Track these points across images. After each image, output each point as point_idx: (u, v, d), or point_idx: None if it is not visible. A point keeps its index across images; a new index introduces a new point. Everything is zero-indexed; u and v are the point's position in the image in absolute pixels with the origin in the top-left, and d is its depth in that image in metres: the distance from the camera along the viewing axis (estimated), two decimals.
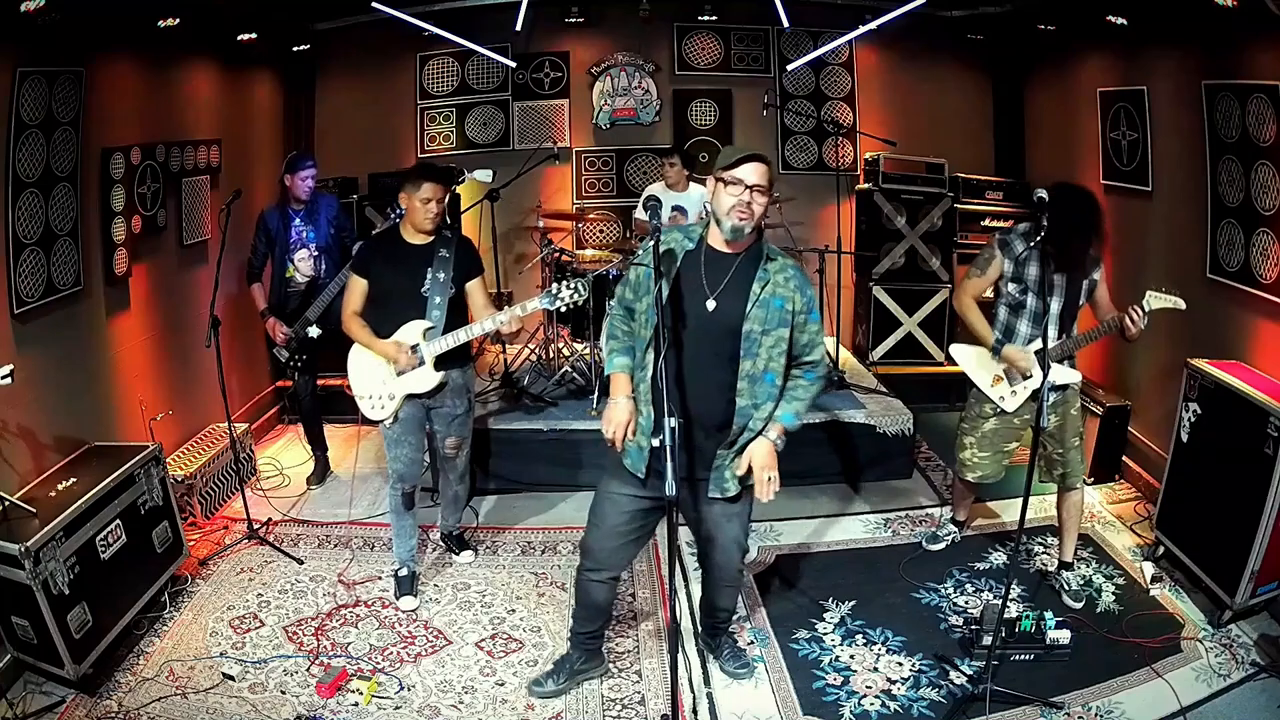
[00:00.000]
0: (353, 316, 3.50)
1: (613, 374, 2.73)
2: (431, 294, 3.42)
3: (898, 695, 3.05)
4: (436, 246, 3.44)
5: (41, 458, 3.43)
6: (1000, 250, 3.40)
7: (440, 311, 3.42)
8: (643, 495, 2.72)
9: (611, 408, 2.66)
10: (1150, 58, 4.40)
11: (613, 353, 2.77)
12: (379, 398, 3.51)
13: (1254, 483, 3.18)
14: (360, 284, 3.48)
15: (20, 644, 3.02)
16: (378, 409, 3.52)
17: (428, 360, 3.42)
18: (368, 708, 2.99)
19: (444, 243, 3.46)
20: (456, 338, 3.40)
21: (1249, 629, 3.33)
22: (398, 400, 3.47)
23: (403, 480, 3.59)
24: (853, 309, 6.23)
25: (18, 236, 3.31)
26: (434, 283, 3.42)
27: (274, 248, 4.45)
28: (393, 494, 3.63)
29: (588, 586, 2.92)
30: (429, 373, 3.42)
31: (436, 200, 3.36)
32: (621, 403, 2.65)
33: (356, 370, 3.57)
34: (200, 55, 4.74)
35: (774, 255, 2.62)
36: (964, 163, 6.08)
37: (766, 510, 4.36)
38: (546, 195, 6.19)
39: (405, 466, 3.58)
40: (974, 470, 3.68)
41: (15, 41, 3.21)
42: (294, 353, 4.49)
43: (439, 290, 3.43)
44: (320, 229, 4.47)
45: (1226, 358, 3.70)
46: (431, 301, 3.42)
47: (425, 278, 3.42)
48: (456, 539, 4.03)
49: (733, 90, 6.34)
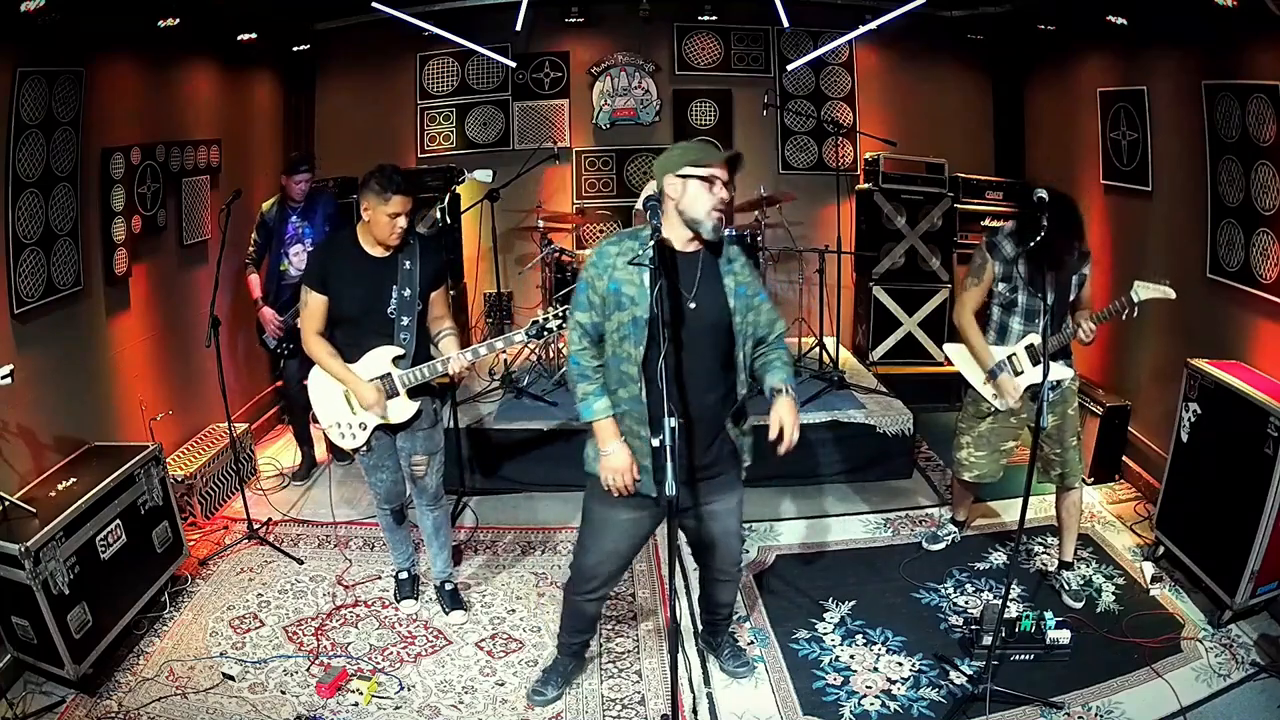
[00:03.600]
0: (316, 338, 3.12)
1: (595, 422, 2.56)
2: (399, 314, 3.09)
3: (898, 695, 3.05)
4: (400, 259, 3.09)
5: (41, 458, 3.43)
6: (990, 254, 3.41)
7: (410, 334, 3.12)
8: (646, 513, 2.68)
9: (608, 459, 2.55)
10: (1150, 58, 4.40)
11: (588, 396, 2.56)
12: (349, 426, 3.23)
13: (1254, 483, 3.18)
14: (319, 301, 3.07)
15: (20, 644, 3.02)
16: (349, 438, 3.24)
17: (401, 392, 3.14)
18: (368, 708, 2.99)
19: (408, 253, 3.10)
20: (434, 369, 3.11)
21: (1249, 629, 3.33)
22: (369, 430, 3.21)
23: (388, 502, 3.45)
24: (853, 309, 6.23)
25: (18, 236, 3.31)
26: (400, 302, 3.08)
27: (270, 240, 4.52)
28: (381, 514, 3.52)
29: (582, 606, 2.91)
30: (404, 403, 3.15)
31: (405, 214, 3.01)
32: (616, 449, 2.54)
33: (321, 397, 3.24)
34: (200, 55, 4.74)
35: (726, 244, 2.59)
36: (964, 163, 6.08)
37: (767, 510, 4.41)
38: (546, 195, 6.19)
39: (387, 489, 3.40)
40: (971, 470, 3.68)
41: (15, 41, 3.22)
42: (282, 341, 4.56)
43: (406, 310, 3.10)
44: (316, 226, 4.52)
45: (1226, 358, 3.70)
46: (399, 324, 3.10)
47: (390, 297, 3.08)
48: (449, 595, 3.57)
49: (733, 90, 6.33)
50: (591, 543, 2.78)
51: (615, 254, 2.51)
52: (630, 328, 2.48)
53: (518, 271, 6.19)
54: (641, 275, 2.45)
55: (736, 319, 2.53)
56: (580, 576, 2.85)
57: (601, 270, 2.51)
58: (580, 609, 2.93)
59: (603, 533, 2.74)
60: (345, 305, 3.09)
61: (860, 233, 6.06)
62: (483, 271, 6.17)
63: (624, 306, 2.48)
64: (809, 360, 5.51)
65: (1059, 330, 3.34)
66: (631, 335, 2.48)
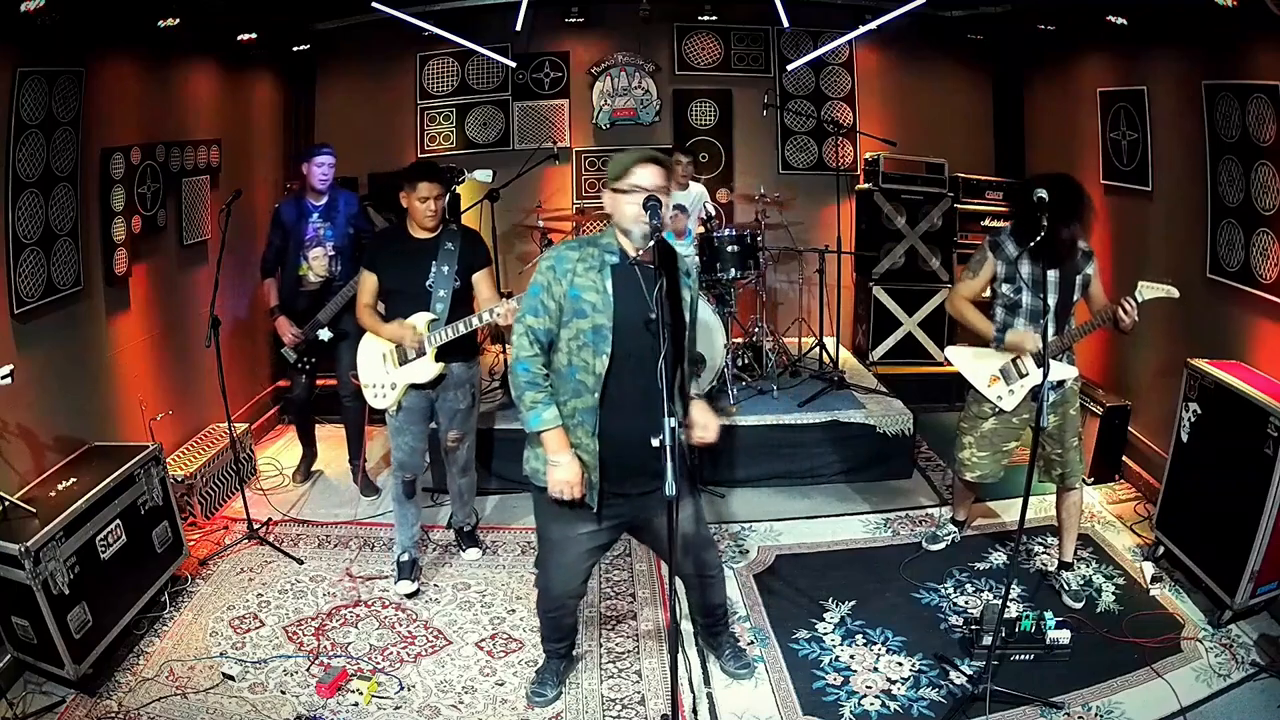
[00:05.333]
0: (365, 308, 3.61)
1: (544, 432, 2.50)
2: (436, 287, 3.50)
3: (898, 695, 3.05)
4: (442, 240, 3.53)
5: (41, 458, 3.43)
6: (991, 252, 3.41)
7: (444, 305, 3.50)
8: (601, 527, 2.66)
9: (556, 469, 2.50)
10: (1150, 58, 4.40)
11: (536, 405, 2.49)
12: (381, 386, 3.61)
13: (1254, 483, 3.18)
14: (371, 279, 3.59)
15: (20, 644, 3.02)
16: (380, 397, 3.62)
17: (429, 351, 3.49)
18: (368, 708, 2.99)
19: (449, 236, 3.55)
20: (457, 329, 3.44)
21: (1249, 629, 3.33)
22: (400, 389, 3.57)
23: (403, 468, 3.67)
24: (853, 309, 6.23)
25: (18, 236, 3.31)
26: (438, 276, 3.50)
27: (289, 242, 4.30)
28: (394, 481, 3.73)
29: (558, 620, 2.94)
30: (429, 363, 3.51)
31: (434, 198, 3.44)
32: (565, 461, 2.50)
33: (364, 359, 3.68)
34: (200, 55, 4.74)
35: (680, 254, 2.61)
36: (964, 163, 6.08)
37: (767, 510, 4.41)
38: (546, 195, 6.19)
39: (406, 455, 3.67)
40: (973, 470, 3.68)
41: (15, 41, 3.22)
42: (302, 354, 4.40)
43: (443, 283, 3.50)
44: (338, 227, 4.33)
45: (1226, 358, 3.70)
46: (435, 294, 3.50)
47: (429, 271, 3.50)
48: (467, 535, 4.04)
49: (733, 90, 6.34)
50: (552, 562, 2.77)
51: (575, 259, 2.47)
52: (590, 335, 2.43)
53: (518, 271, 6.19)
54: (605, 282, 2.43)
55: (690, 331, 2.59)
56: (547, 595, 2.87)
57: (560, 275, 2.45)
58: (556, 622, 2.97)
59: (562, 551, 2.72)
60: (390, 278, 3.56)
61: (860, 233, 6.06)
62: None
63: (584, 314, 2.43)
64: (809, 360, 5.51)
65: (1061, 331, 3.33)
66: (590, 344, 2.43)
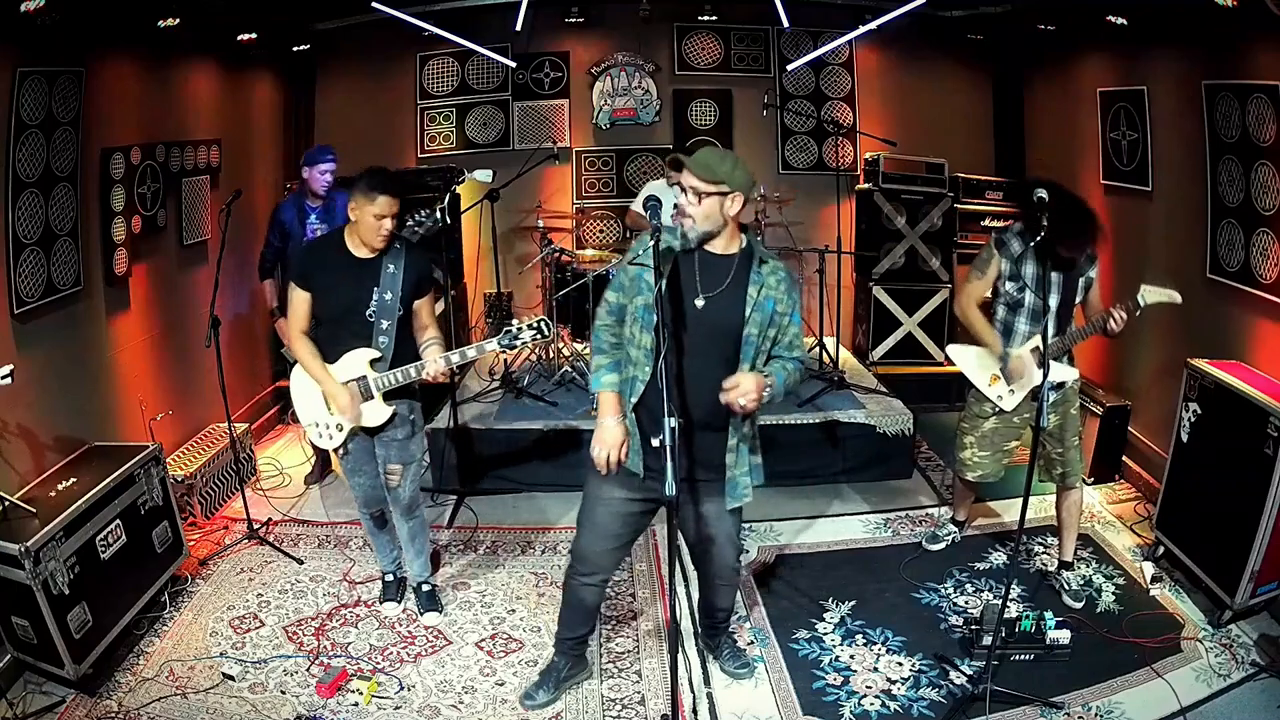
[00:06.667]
0: (300, 336, 3.15)
1: (600, 393, 2.68)
2: (379, 318, 3.10)
3: (898, 695, 3.05)
4: (384, 262, 3.09)
5: (41, 458, 3.43)
6: (997, 250, 3.41)
7: (388, 338, 3.12)
8: (636, 497, 2.72)
9: (602, 429, 2.62)
10: (1150, 58, 4.40)
11: (600, 369, 2.71)
12: (326, 426, 3.26)
13: (1254, 483, 3.18)
14: (303, 298, 3.11)
15: (20, 644, 3.02)
16: (325, 438, 3.28)
17: (376, 395, 3.14)
18: (368, 708, 2.99)
19: (392, 256, 3.11)
20: (407, 374, 3.10)
21: (1249, 629, 3.33)
22: (345, 431, 3.23)
23: (368, 505, 3.44)
24: (853, 309, 6.23)
25: (18, 236, 3.31)
26: (381, 304, 3.09)
27: (288, 243, 4.29)
28: (363, 517, 3.52)
29: (579, 591, 2.92)
30: (379, 407, 3.16)
31: (391, 217, 3.01)
32: (611, 424, 2.62)
33: (301, 395, 3.28)
34: (200, 55, 4.74)
35: (766, 258, 2.61)
36: (964, 163, 6.08)
37: (767, 510, 4.41)
38: (546, 195, 6.19)
39: (366, 492, 3.40)
40: (974, 470, 3.68)
41: (15, 41, 3.22)
42: None
43: (387, 313, 3.10)
44: None
45: (1226, 358, 3.70)
46: (378, 326, 3.11)
47: (371, 299, 3.08)
48: (426, 596, 3.55)
49: (733, 90, 6.34)
50: (585, 520, 2.83)
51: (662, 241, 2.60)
52: (641, 311, 2.58)
53: (518, 271, 6.20)
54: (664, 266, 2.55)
55: (748, 328, 2.55)
56: (576, 556, 2.89)
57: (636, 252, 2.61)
58: (578, 595, 2.92)
59: (595, 510, 2.79)
60: (326, 304, 3.12)
61: (860, 233, 6.06)
62: (483, 272, 6.18)
63: (642, 292, 2.58)
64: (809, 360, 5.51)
65: (1063, 332, 3.33)
66: (641, 319, 2.59)
